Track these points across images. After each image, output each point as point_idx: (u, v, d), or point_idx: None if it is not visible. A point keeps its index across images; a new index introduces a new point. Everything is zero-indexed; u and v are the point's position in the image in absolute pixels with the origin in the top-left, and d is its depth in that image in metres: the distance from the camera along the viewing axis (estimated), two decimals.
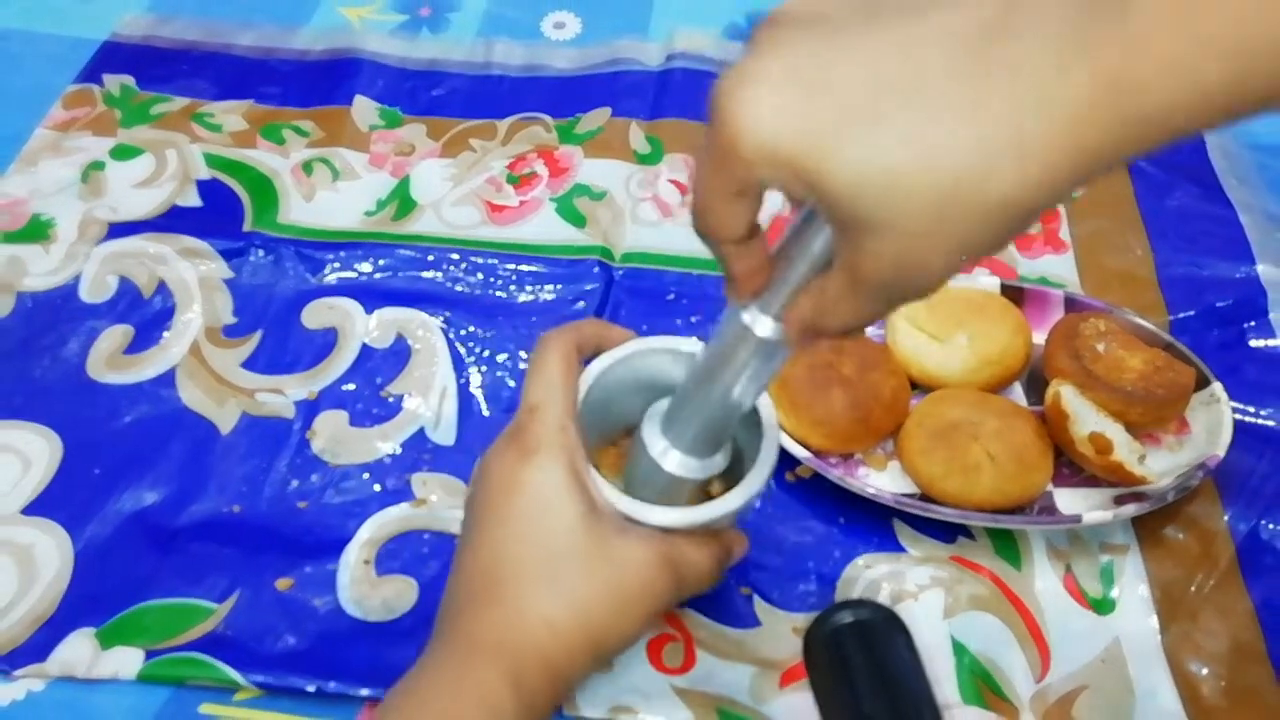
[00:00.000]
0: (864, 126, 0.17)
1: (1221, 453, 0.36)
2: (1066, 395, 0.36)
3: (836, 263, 0.20)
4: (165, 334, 0.43)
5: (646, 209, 0.48)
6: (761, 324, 0.22)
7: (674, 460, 0.28)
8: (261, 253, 0.46)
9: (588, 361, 0.30)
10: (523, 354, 0.43)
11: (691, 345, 0.30)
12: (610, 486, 0.28)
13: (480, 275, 0.46)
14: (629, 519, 0.27)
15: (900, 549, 0.37)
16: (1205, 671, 0.34)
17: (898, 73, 0.17)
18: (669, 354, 0.30)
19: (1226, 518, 0.38)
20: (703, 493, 0.30)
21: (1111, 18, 0.15)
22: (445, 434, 0.40)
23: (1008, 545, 0.37)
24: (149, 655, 0.34)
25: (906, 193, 0.17)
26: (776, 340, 0.23)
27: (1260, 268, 0.45)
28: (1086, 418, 0.36)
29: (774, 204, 0.45)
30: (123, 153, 0.50)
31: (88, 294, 0.44)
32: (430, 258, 0.46)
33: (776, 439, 0.29)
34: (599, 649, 0.26)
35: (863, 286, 0.19)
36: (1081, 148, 0.16)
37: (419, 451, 0.40)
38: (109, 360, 0.42)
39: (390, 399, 0.41)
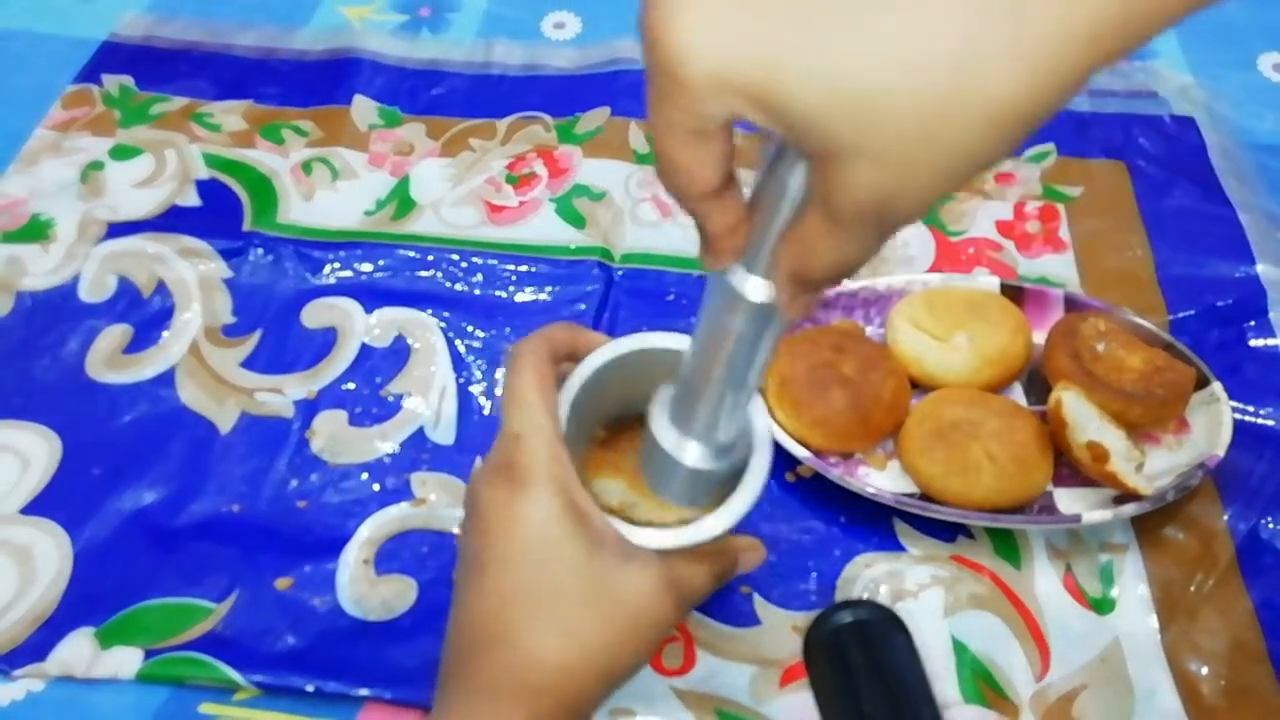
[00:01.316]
0: (827, 34, 0.14)
1: (1221, 452, 0.36)
2: (1068, 402, 0.36)
3: (812, 197, 0.17)
4: (164, 334, 0.43)
5: (646, 209, 0.48)
6: (752, 286, 0.20)
7: (693, 453, 0.25)
8: (261, 252, 0.46)
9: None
10: None
11: (677, 341, 0.29)
12: (600, 513, 0.26)
13: (480, 275, 0.46)
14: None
15: (900, 548, 0.37)
16: (1205, 671, 0.34)
17: None
18: (654, 352, 0.29)
19: (1226, 517, 0.38)
20: (731, 485, 0.28)
21: None
22: (445, 433, 0.40)
23: (1008, 545, 0.37)
24: (148, 655, 0.34)
25: (886, 111, 0.14)
26: (772, 302, 0.20)
27: (1260, 267, 0.45)
28: (1087, 425, 0.36)
29: None
30: (122, 153, 0.50)
31: (87, 294, 0.44)
32: (430, 258, 0.46)
33: (769, 449, 0.28)
34: (612, 680, 0.26)
35: (843, 222, 0.17)
36: (1091, 34, 0.13)
37: (418, 451, 0.40)
38: (108, 360, 0.42)
39: (390, 398, 0.41)
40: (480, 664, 0.25)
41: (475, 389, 0.42)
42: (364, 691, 0.33)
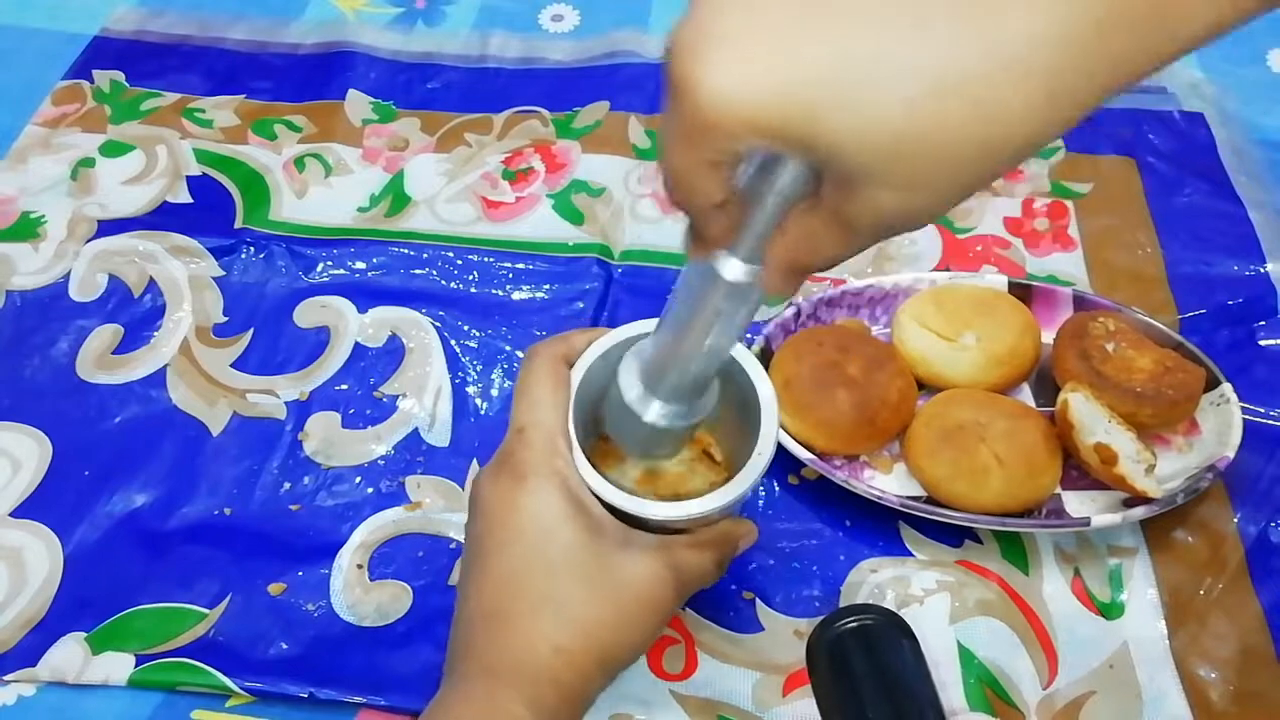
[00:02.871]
0: (861, 78, 0.15)
1: (1231, 454, 0.36)
2: (1075, 404, 0.35)
3: (820, 204, 0.18)
4: (155, 333, 0.43)
5: (646, 205, 0.47)
6: (730, 268, 0.21)
7: (654, 410, 0.26)
8: (253, 250, 0.45)
9: None
10: (519, 354, 0.43)
11: None
12: (609, 485, 0.27)
13: (476, 274, 0.45)
14: (627, 518, 0.27)
15: (906, 553, 0.36)
16: (1214, 676, 0.34)
17: (882, 9, 0.15)
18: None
19: (1236, 520, 0.37)
20: (688, 441, 0.29)
21: None
22: (440, 435, 0.40)
23: (1015, 549, 0.36)
24: (140, 660, 0.33)
25: (917, 145, 0.15)
26: (748, 283, 0.21)
27: (1270, 266, 0.44)
28: (1095, 427, 0.35)
29: None
30: (113, 149, 0.50)
31: (77, 293, 0.44)
32: (425, 255, 0.45)
33: (775, 424, 0.28)
34: (610, 665, 0.26)
35: (857, 232, 0.18)
36: (1089, 70, 0.15)
37: (413, 453, 0.39)
38: (98, 360, 0.42)
39: (384, 400, 0.41)
40: (480, 645, 0.26)
41: (471, 390, 0.41)
42: (358, 698, 0.33)
